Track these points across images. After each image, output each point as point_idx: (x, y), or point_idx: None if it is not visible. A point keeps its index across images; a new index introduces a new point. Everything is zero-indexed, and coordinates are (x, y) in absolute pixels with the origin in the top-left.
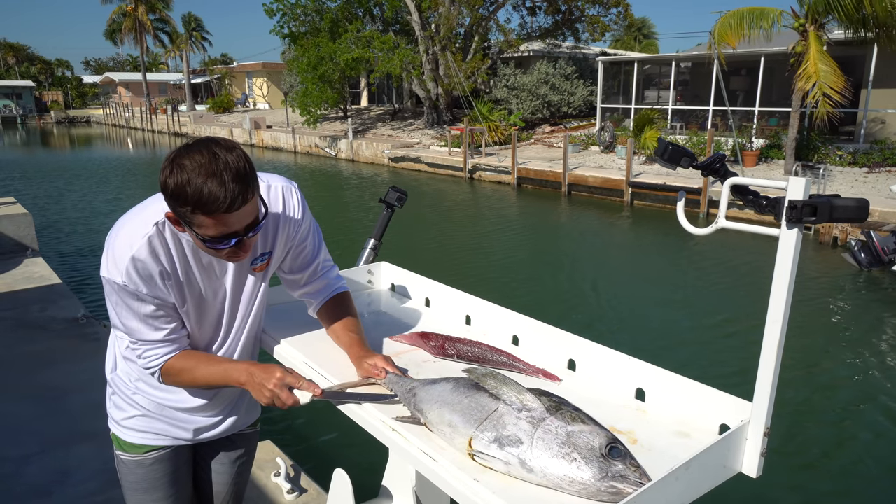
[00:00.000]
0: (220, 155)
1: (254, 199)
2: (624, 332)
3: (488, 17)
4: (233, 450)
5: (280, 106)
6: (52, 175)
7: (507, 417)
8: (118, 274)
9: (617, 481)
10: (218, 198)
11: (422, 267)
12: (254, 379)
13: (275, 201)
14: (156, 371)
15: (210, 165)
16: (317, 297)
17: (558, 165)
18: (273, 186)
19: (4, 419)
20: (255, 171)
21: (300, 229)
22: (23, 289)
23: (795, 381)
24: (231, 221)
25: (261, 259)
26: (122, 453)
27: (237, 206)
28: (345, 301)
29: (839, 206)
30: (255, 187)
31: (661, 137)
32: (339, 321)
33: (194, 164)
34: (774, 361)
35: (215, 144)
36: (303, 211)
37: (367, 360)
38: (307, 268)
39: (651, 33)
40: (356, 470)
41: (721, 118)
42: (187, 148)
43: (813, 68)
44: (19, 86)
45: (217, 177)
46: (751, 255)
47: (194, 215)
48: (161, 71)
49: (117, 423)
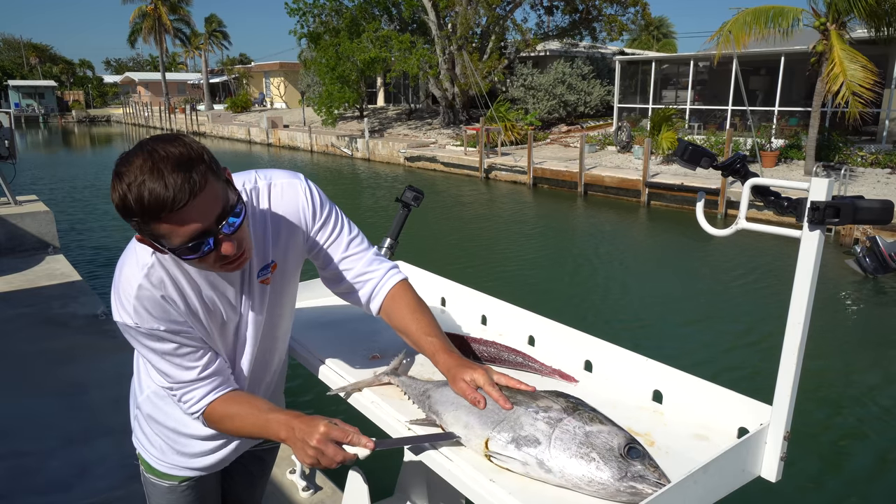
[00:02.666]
0: (157, 149)
1: (210, 186)
2: (641, 333)
3: (505, 17)
4: (257, 464)
5: (297, 105)
6: (73, 173)
7: (524, 418)
8: (127, 316)
9: (636, 481)
10: (160, 195)
11: (438, 266)
12: (295, 434)
13: (277, 201)
14: (199, 415)
15: (146, 164)
16: (365, 297)
17: (574, 165)
18: (274, 184)
19: (27, 414)
20: (209, 156)
21: (316, 223)
22: (44, 285)
23: (813, 385)
24: (188, 218)
25: (265, 272)
26: (153, 477)
27: (186, 199)
28: (404, 295)
29: (863, 207)
30: (209, 173)
31: (680, 138)
32: (406, 323)
33: (132, 169)
34: (795, 364)
35: (153, 141)
36: (313, 204)
37: (462, 375)
38: (341, 263)
39: (669, 32)
40: (371, 469)
41: (740, 118)
42: (125, 155)
43: (839, 68)
44: (42, 85)
45: (154, 172)
46: (770, 257)
47: (149, 226)
48: (180, 71)
49: (145, 448)
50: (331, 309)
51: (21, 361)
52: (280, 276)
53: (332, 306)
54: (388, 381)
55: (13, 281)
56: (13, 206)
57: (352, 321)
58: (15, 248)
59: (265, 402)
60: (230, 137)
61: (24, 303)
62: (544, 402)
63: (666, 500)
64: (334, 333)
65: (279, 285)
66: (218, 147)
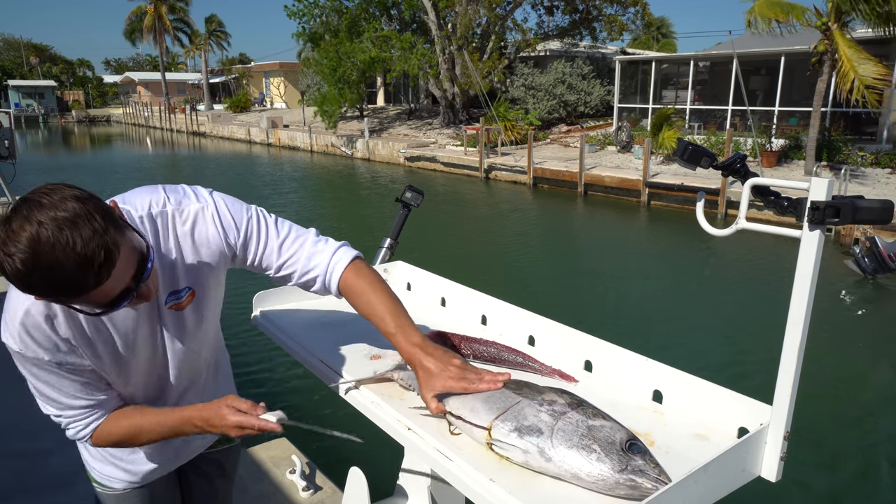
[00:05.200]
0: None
1: (123, 249)
2: (641, 333)
3: (505, 17)
4: (214, 466)
5: (297, 105)
6: (73, 172)
7: (529, 410)
8: (12, 340)
9: (636, 475)
10: (77, 280)
11: (438, 266)
12: (210, 424)
13: (187, 230)
14: (87, 440)
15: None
16: (321, 290)
17: (575, 165)
18: (182, 212)
19: (27, 415)
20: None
21: (237, 245)
22: None
23: (813, 385)
24: (108, 290)
25: (174, 298)
26: (97, 486)
27: (106, 276)
28: (353, 283)
29: (863, 207)
30: (119, 234)
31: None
32: (362, 312)
33: (24, 247)
34: (795, 364)
35: (38, 208)
36: (224, 229)
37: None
38: (281, 270)
39: (669, 32)
40: (371, 468)
41: (740, 118)
42: (8, 225)
43: (848, 65)
44: (41, 85)
45: (62, 255)
46: (770, 257)
47: (60, 301)
48: (180, 71)
49: (87, 460)
50: (331, 309)
51: None
52: (199, 302)
53: (332, 306)
54: (390, 378)
55: None
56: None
57: (352, 321)
58: None
59: (152, 410)
60: (230, 137)
61: None
62: (549, 395)
63: (666, 499)
64: (334, 333)
65: (198, 309)
66: (218, 147)
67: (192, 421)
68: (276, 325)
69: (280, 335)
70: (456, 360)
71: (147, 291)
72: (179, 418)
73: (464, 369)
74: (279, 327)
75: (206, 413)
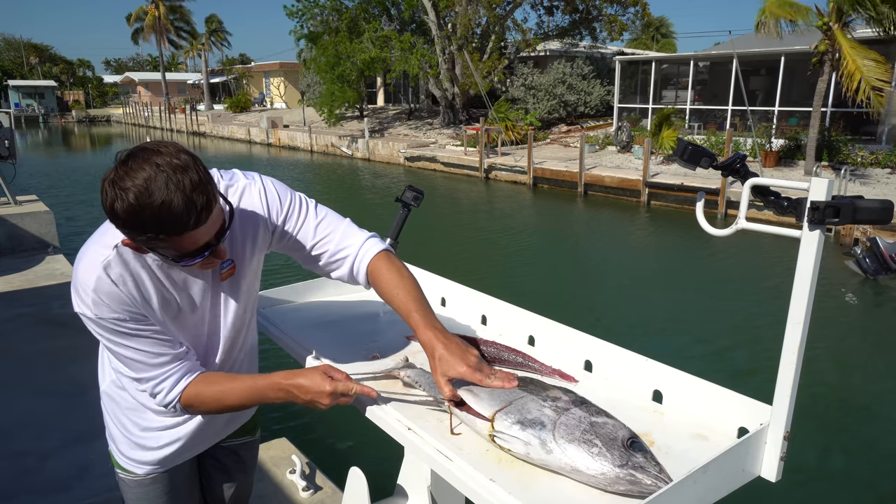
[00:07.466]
0: (166, 167)
1: (216, 205)
2: (641, 333)
3: (505, 17)
4: (232, 458)
5: (297, 105)
6: (73, 173)
7: (532, 404)
8: (87, 308)
9: (636, 471)
10: (181, 218)
11: (438, 266)
12: (304, 389)
13: (235, 204)
14: (175, 404)
15: (160, 182)
16: (346, 276)
17: (574, 165)
18: (232, 187)
19: (27, 414)
20: (208, 171)
21: (278, 220)
22: (44, 285)
23: (813, 386)
24: (199, 236)
25: (224, 265)
26: (120, 472)
27: (204, 220)
28: (383, 271)
29: (862, 207)
30: (216, 191)
31: (680, 137)
32: (389, 299)
33: (141, 184)
34: (795, 364)
35: (156, 154)
36: (268, 203)
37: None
38: (313, 249)
39: (669, 32)
40: (372, 468)
41: (740, 118)
42: (126, 165)
43: (853, 65)
44: (41, 85)
45: (173, 193)
46: (769, 257)
47: (157, 241)
48: (180, 71)
49: (113, 443)
50: (331, 309)
51: (21, 361)
52: (237, 274)
53: (332, 306)
54: (394, 375)
55: (13, 281)
56: (13, 205)
57: (352, 321)
58: (15, 248)
59: (240, 375)
60: (230, 137)
61: (24, 303)
62: (554, 392)
63: (666, 499)
64: (334, 333)
65: (236, 282)
66: (218, 147)
67: (280, 385)
68: (276, 324)
69: (280, 335)
70: (474, 352)
71: (221, 252)
72: (267, 383)
73: (480, 363)
74: (279, 327)
75: (300, 379)
